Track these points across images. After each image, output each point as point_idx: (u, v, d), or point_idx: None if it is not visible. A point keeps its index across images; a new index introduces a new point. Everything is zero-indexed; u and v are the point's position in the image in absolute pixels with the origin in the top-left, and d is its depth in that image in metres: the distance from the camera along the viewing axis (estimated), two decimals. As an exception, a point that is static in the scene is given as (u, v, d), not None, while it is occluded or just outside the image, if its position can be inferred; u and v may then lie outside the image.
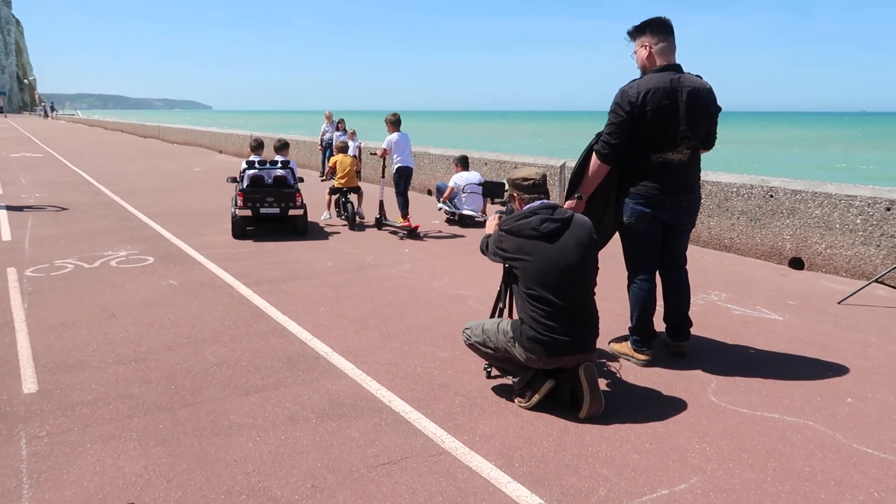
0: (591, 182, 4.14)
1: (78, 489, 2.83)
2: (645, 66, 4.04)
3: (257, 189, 8.35)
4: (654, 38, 3.99)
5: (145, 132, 36.94)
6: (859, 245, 6.39)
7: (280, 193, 8.35)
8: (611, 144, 4.00)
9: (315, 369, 4.14)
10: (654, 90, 3.88)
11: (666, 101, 3.89)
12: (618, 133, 3.97)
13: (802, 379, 4.04)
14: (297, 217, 8.45)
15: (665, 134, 3.94)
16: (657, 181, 4.02)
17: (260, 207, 8.26)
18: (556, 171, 9.87)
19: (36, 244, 7.82)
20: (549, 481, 2.90)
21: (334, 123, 16.14)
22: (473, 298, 5.70)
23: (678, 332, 4.35)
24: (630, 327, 4.30)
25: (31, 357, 4.29)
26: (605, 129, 4.04)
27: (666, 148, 3.98)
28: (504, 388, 3.83)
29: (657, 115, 3.90)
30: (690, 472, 2.99)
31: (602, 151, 4.04)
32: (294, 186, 8.58)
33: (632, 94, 3.91)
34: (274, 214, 8.35)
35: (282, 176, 8.55)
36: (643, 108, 3.88)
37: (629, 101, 3.91)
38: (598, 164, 4.08)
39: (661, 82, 3.91)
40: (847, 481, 2.92)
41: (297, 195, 8.44)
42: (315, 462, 3.05)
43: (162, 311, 5.27)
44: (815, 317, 5.25)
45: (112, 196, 12.16)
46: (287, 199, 8.35)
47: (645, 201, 4.06)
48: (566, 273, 3.42)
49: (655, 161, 3.99)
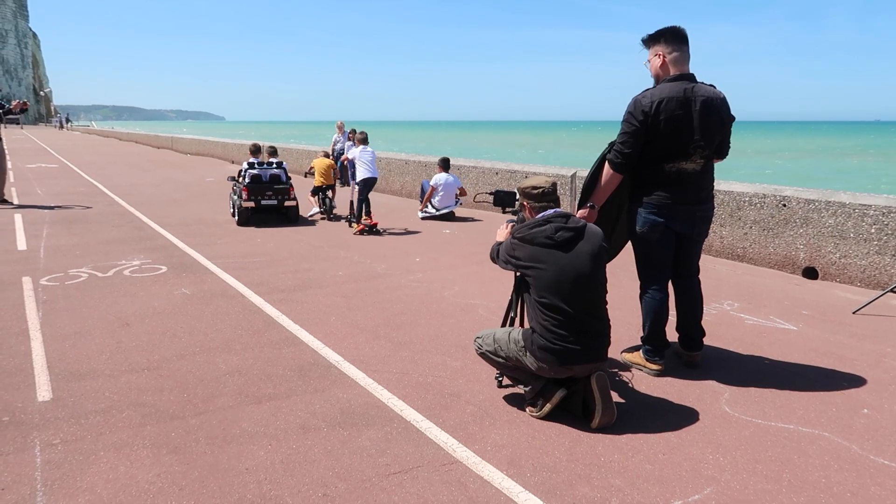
0: (604, 191, 4.12)
1: (91, 497, 2.85)
2: (658, 75, 4.02)
3: (258, 185, 10.19)
4: (668, 47, 3.97)
5: (159, 143, 37.28)
6: (874, 254, 6.33)
7: (277, 188, 10.25)
8: (623, 154, 3.97)
9: (326, 378, 4.15)
10: (667, 99, 3.86)
11: (679, 110, 3.87)
12: (631, 142, 3.94)
13: (817, 389, 4.00)
14: (290, 207, 10.35)
15: (678, 143, 3.92)
16: (670, 191, 4.00)
17: (261, 200, 10.12)
18: (566, 180, 9.86)
19: (51, 253, 7.90)
20: (560, 491, 2.88)
21: (346, 133, 16.23)
22: (484, 307, 5.69)
23: (691, 341, 4.33)
24: (642, 337, 4.26)
25: (45, 365, 4.33)
26: (618, 139, 4.02)
27: (679, 157, 3.95)
28: (515, 397, 3.82)
29: (671, 125, 3.87)
30: (704, 482, 2.96)
31: (615, 161, 4.01)
32: (287, 182, 10.49)
33: (645, 103, 3.89)
34: (272, 205, 10.21)
35: (277, 174, 10.51)
36: (657, 117, 3.86)
37: (642, 111, 3.88)
38: (611, 174, 4.05)
39: (674, 92, 3.89)
40: (863, 493, 2.88)
41: (290, 189, 10.36)
42: (326, 471, 3.05)
43: (175, 320, 5.31)
44: (830, 327, 5.20)
45: (126, 206, 12.28)
46: (282, 193, 10.27)
47: (658, 211, 4.04)
48: (579, 282, 3.42)
49: (669, 171, 3.97)
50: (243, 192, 10.04)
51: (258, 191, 10.10)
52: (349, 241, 8.90)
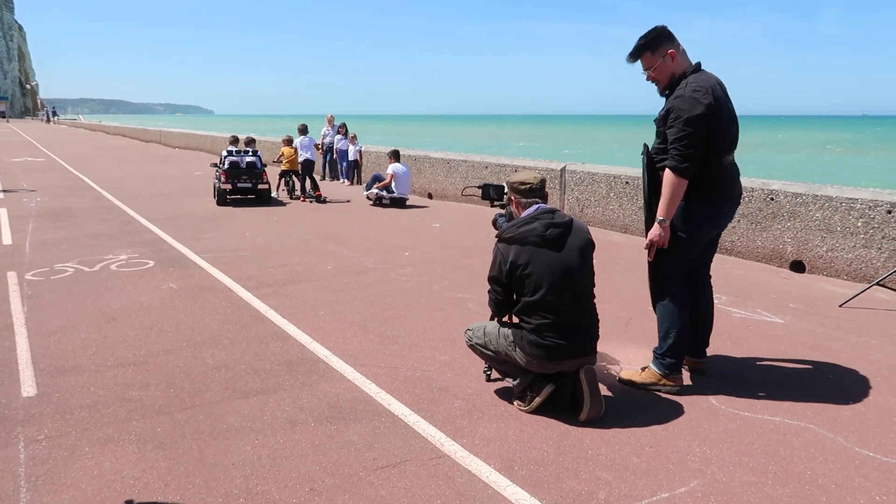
0: (673, 202, 3.62)
1: (76, 492, 2.82)
2: (674, 73, 3.73)
3: (235, 170, 11.86)
4: (672, 43, 3.72)
5: (147, 136, 36.99)
6: (860, 248, 6.38)
7: (251, 173, 11.94)
8: (688, 156, 3.54)
9: (314, 372, 4.13)
10: (715, 87, 3.60)
11: (725, 97, 3.65)
12: (694, 143, 3.53)
13: (803, 382, 4.02)
14: (262, 190, 12.06)
15: (729, 134, 3.68)
16: (725, 187, 3.74)
17: (237, 183, 11.78)
18: (556, 174, 9.87)
19: (37, 248, 7.83)
20: (548, 485, 2.89)
21: (335, 127, 16.16)
22: (473, 301, 5.69)
23: (704, 347, 4.07)
24: (664, 351, 3.84)
25: (30, 360, 4.29)
26: (677, 141, 3.56)
27: (730, 148, 3.71)
28: (504, 391, 3.82)
29: (726, 115, 3.63)
30: (691, 475, 2.97)
31: (680, 166, 3.56)
32: (261, 168, 12.18)
33: (702, 96, 3.53)
34: (247, 188, 11.90)
35: (252, 161, 12.13)
36: (717, 109, 3.56)
37: (706, 104, 3.51)
38: (677, 181, 3.58)
39: (713, 80, 3.64)
40: (848, 484, 2.90)
41: (263, 174, 12.08)
42: (314, 465, 3.04)
43: (161, 315, 5.27)
44: (817, 320, 5.24)
45: (113, 200, 12.18)
46: (256, 178, 11.98)
47: (715, 209, 3.75)
48: (568, 277, 3.41)
49: (724, 164, 3.69)
50: (222, 176, 11.69)
51: (235, 175, 11.77)
52: (338, 234, 8.87)
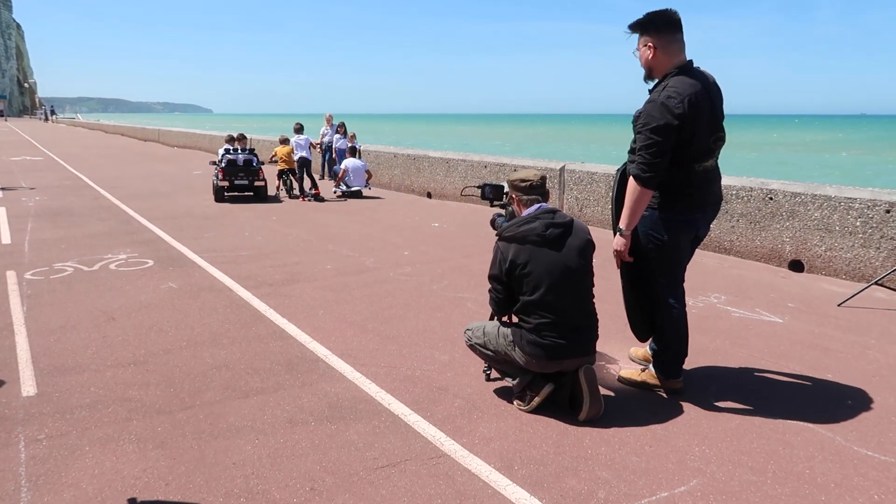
0: (635, 212, 3.55)
1: (76, 492, 2.83)
2: (651, 68, 3.56)
3: (233, 167, 12.08)
4: (660, 37, 3.49)
5: (145, 136, 36.95)
6: (859, 247, 6.39)
7: (248, 170, 12.16)
8: (652, 164, 3.42)
9: (314, 372, 4.14)
10: (693, 95, 3.41)
11: (706, 104, 3.47)
12: (661, 151, 3.41)
13: (802, 381, 4.03)
14: (259, 187, 12.27)
15: (706, 140, 3.53)
16: (700, 192, 3.63)
17: (235, 180, 12.00)
18: (555, 173, 9.87)
19: (36, 247, 7.82)
20: (548, 484, 2.90)
21: (334, 126, 16.15)
22: (473, 301, 5.69)
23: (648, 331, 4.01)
24: (664, 359, 3.84)
25: (30, 360, 4.29)
26: (644, 149, 3.44)
27: (707, 156, 3.57)
28: (503, 390, 3.83)
29: (702, 123, 3.45)
30: (690, 474, 2.98)
31: (643, 175, 3.44)
32: (258, 166, 12.37)
33: (674, 105, 3.37)
34: (244, 185, 12.13)
35: (249, 159, 12.38)
36: (691, 118, 3.40)
37: (676, 114, 3.36)
38: (640, 190, 3.48)
39: (695, 86, 3.44)
40: (847, 483, 2.91)
41: (259, 172, 12.28)
42: (314, 465, 3.05)
43: (161, 314, 5.27)
44: (815, 319, 5.25)
45: (112, 199, 12.17)
46: (253, 175, 12.19)
47: (689, 215, 3.65)
48: (567, 277, 3.42)
49: (698, 171, 3.56)
50: (219, 173, 11.93)
51: (232, 172, 12.02)
52: (338, 233, 8.87)
